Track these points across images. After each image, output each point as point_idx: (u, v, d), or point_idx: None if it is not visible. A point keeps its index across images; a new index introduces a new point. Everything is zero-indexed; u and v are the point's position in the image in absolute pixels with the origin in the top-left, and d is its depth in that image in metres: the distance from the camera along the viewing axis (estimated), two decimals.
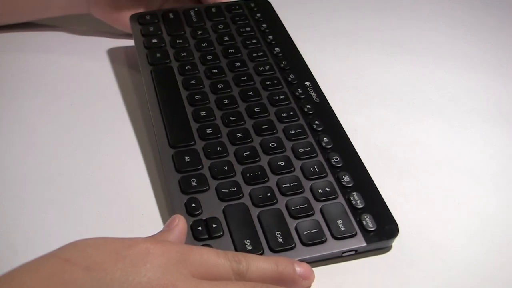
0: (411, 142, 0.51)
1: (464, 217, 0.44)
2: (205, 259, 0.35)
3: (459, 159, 0.49)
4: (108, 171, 0.47)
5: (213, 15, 0.61)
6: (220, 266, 0.35)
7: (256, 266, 0.36)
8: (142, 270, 0.32)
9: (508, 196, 0.46)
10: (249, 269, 0.36)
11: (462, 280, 0.40)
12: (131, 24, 0.59)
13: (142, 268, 0.32)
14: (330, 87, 0.53)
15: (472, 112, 0.55)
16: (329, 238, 0.40)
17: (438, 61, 0.61)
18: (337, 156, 0.46)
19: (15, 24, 0.63)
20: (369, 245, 0.40)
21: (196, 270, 0.34)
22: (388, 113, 0.54)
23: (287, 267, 0.37)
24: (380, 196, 0.43)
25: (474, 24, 0.68)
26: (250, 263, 0.36)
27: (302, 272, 0.38)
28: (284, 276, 0.37)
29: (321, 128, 0.48)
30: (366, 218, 0.41)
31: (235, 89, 0.52)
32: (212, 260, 0.35)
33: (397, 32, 0.66)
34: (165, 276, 0.32)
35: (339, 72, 0.50)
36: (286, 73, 0.54)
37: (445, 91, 0.57)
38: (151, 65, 0.54)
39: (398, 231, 0.41)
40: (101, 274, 0.31)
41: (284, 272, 0.37)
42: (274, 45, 0.57)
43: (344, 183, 0.44)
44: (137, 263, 0.32)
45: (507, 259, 0.41)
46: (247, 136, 0.47)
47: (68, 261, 0.31)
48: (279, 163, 0.45)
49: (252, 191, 0.43)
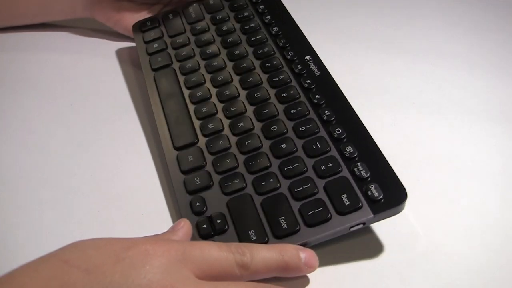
0: (411, 142, 0.50)
1: (464, 217, 0.44)
2: (207, 255, 0.34)
3: (459, 159, 0.48)
4: (108, 171, 0.48)
5: (211, 7, 0.60)
6: (223, 260, 0.35)
7: (261, 256, 0.36)
8: (141, 272, 0.32)
9: (508, 196, 0.45)
10: (253, 260, 0.35)
11: (462, 280, 0.39)
12: (134, 32, 0.60)
13: (141, 270, 0.32)
14: None
15: (472, 112, 0.53)
16: (334, 215, 0.39)
17: (438, 61, 0.60)
18: (339, 128, 0.44)
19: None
20: (377, 216, 0.38)
21: (198, 267, 0.34)
22: (388, 113, 0.53)
23: (292, 255, 0.36)
24: (386, 162, 0.41)
25: (474, 23, 0.66)
26: (254, 254, 0.35)
27: (307, 259, 0.37)
28: (289, 265, 0.36)
29: (322, 101, 0.47)
30: (371, 187, 0.39)
31: (235, 78, 0.52)
32: (214, 254, 0.35)
33: (397, 31, 0.65)
34: (165, 277, 0.32)
35: (338, 72, 0.50)
36: (286, 51, 0.52)
37: (445, 91, 0.56)
38: (154, 70, 0.55)
39: (406, 196, 0.39)
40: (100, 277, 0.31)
41: (290, 260, 0.36)
42: (273, 24, 0.56)
43: (347, 154, 0.42)
44: (136, 265, 0.32)
45: (507, 259, 0.41)
46: (249, 124, 0.47)
47: (67, 262, 0.32)
48: (281, 146, 0.44)
49: (255, 179, 0.42)
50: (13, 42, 0.64)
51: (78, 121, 0.53)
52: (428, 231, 0.42)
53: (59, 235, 0.43)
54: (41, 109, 0.55)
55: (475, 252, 0.41)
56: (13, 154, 0.50)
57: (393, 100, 0.55)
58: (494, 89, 0.56)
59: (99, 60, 0.61)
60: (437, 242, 0.41)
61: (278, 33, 0.55)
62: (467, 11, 0.68)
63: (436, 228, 0.43)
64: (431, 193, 0.45)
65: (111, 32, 0.64)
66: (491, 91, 0.56)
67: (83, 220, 0.44)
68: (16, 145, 0.51)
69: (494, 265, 0.40)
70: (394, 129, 0.51)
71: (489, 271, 0.40)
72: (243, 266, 0.35)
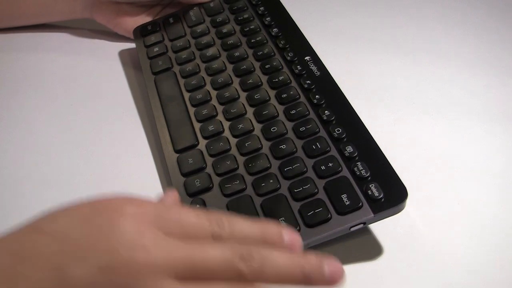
0: (411, 142, 0.50)
1: (464, 217, 0.43)
2: (183, 220, 0.32)
3: (459, 159, 0.48)
4: (108, 172, 0.48)
5: (211, 10, 0.60)
6: (198, 227, 0.32)
7: (239, 230, 0.32)
8: (111, 237, 0.30)
9: (508, 196, 0.45)
10: (231, 234, 0.32)
11: (462, 280, 0.39)
12: (135, 37, 0.60)
13: (111, 235, 0.30)
14: None
15: (472, 112, 0.53)
16: (334, 215, 0.39)
17: (438, 61, 0.60)
18: (339, 128, 0.44)
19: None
20: (377, 215, 0.38)
21: (170, 228, 0.31)
22: (388, 113, 0.53)
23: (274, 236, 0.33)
24: (386, 161, 0.41)
25: (474, 24, 0.66)
26: (234, 230, 0.32)
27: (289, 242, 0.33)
28: (268, 242, 0.32)
29: (322, 101, 0.47)
30: (371, 187, 0.39)
31: (235, 80, 0.52)
32: (190, 220, 0.32)
33: (397, 32, 0.65)
34: (136, 240, 0.30)
35: (338, 72, 0.50)
36: (286, 52, 0.52)
37: (445, 91, 0.56)
38: (154, 74, 0.55)
39: (407, 195, 0.38)
40: (67, 242, 0.30)
41: (269, 237, 0.32)
42: (273, 26, 0.56)
43: (347, 154, 0.42)
44: (106, 229, 0.30)
45: (507, 259, 0.41)
46: (249, 126, 0.47)
47: (36, 229, 0.31)
48: (281, 146, 0.44)
49: (255, 181, 0.42)
50: (13, 43, 0.64)
51: (78, 121, 0.53)
52: (428, 231, 0.42)
53: None
54: (41, 109, 0.55)
55: (475, 252, 0.41)
56: (13, 154, 0.50)
57: (393, 100, 0.55)
58: (494, 89, 0.56)
59: (100, 61, 0.61)
60: (437, 242, 0.41)
61: (278, 34, 0.55)
62: (467, 12, 0.68)
63: (436, 228, 0.42)
64: (431, 193, 0.45)
65: (112, 33, 0.64)
66: (491, 91, 0.56)
67: None
68: (16, 145, 0.51)
69: (494, 265, 0.40)
70: (394, 129, 0.51)
71: (489, 271, 0.40)
72: (218, 238, 0.32)
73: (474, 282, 0.39)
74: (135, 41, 0.60)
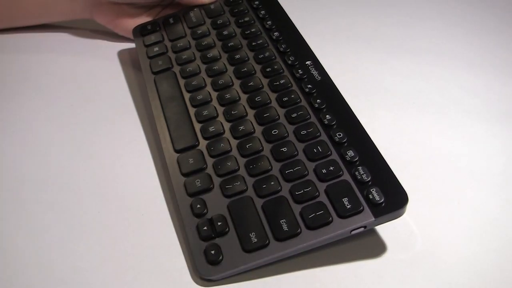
0: (411, 142, 0.50)
1: (464, 217, 0.44)
2: None
3: (459, 159, 0.49)
4: (108, 172, 0.48)
5: (211, 12, 0.61)
6: None
7: None
8: None
9: (508, 196, 0.45)
10: None
11: (462, 280, 0.39)
12: (135, 36, 0.60)
13: None
14: None
15: (472, 112, 0.53)
16: (335, 218, 0.39)
17: (438, 61, 0.60)
18: (340, 132, 0.44)
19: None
20: (378, 219, 0.38)
21: None
22: (388, 113, 0.53)
23: None
24: (387, 166, 0.41)
25: (474, 23, 0.66)
26: None
27: None
28: None
29: (323, 106, 0.47)
30: (372, 191, 0.39)
31: (236, 82, 0.52)
32: None
33: (397, 31, 0.65)
34: None
35: (338, 72, 0.50)
36: (287, 56, 0.52)
37: (445, 91, 0.56)
38: (154, 74, 0.55)
39: (407, 200, 0.39)
40: None
41: None
42: (274, 29, 0.56)
43: (348, 158, 0.42)
44: None
45: (507, 259, 0.41)
46: (250, 128, 0.47)
47: None
48: (282, 149, 0.44)
49: (256, 182, 0.43)
50: (14, 43, 0.64)
51: (78, 122, 0.53)
52: (428, 231, 0.42)
53: (59, 236, 0.43)
54: (41, 109, 0.55)
55: (475, 252, 0.41)
56: (13, 155, 0.50)
57: (393, 100, 0.55)
58: (494, 88, 0.56)
59: (100, 61, 0.61)
60: (437, 242, 0.42)
61: (279, 38, 0.55)
62: (467, 11, 0.68)
63: (436, 228, 0.43)
64: (431, 192, 0.45)
65: (111, 33, 0.64)
66: (491, 90, 0.56)
67: (83, 221, 0.44)
68: (16, 145, 0.51)
69: (494, 265, 0.40)
70: (394, 129, 0.52)
71: (489, 271, 0.40)
72: None
73: (474, 282, 0.39)
74: (134, 41, 0.60)
